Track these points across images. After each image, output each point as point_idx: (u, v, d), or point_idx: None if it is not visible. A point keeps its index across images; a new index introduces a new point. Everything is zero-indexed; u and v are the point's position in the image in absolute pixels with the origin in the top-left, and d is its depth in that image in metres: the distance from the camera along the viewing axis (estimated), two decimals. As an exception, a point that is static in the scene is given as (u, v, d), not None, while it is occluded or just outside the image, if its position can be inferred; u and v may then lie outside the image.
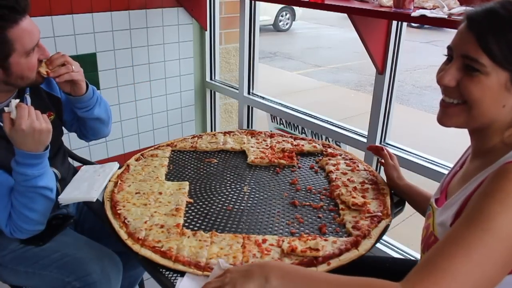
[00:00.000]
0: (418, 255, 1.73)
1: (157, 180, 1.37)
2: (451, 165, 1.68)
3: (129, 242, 1.07)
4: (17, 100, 1.13)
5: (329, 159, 1.52)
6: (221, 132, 1.73)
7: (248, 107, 2.62)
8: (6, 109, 1.11)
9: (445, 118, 0.87)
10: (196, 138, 1.68)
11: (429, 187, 1.26)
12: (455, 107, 0.85)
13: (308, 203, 1.26)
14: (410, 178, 1.50)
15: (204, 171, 1.46)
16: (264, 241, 1.08)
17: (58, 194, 1.26)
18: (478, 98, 0.81)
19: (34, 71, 1.22)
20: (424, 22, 1.34)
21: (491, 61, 0.78)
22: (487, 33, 0.78)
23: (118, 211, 1.19)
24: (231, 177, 1.43)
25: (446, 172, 1.64)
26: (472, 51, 0.80)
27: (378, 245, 1.84)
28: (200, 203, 1.27)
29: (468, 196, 0.83)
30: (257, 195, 1.32)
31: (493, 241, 0.69)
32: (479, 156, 0.90)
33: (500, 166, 0.77)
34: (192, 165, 1.50)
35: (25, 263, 1.33)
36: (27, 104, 1.25)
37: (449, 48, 0.86)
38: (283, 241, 1.07)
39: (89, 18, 2.17)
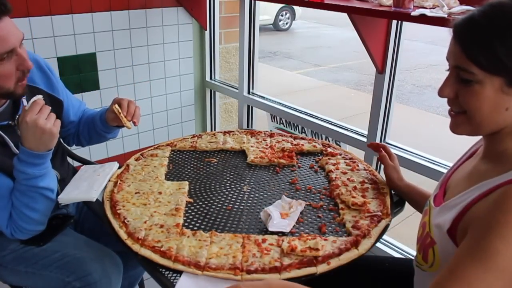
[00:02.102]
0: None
1: (157, 179, 1.37)
2: (451, 165, 1.68)
3: (129, 242, 1.07)
4: (40, 96, 1.14)
5: (329, 159, 1.52)
6: (221, 132, 1.73)
7: (248, 106, 2.62)
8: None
9: (454, 127, 0.87)
10: (196, 137, 1.68)
11: (430, 186, 1.26)
12: (459, 116, 0.85)
13: (307, 203, 1.26)
14: (411, 177, 1.50)
15: (204, 171, 1.46)
16: (264, 240, 1.08)
17: (57, 194, 1.26)
18: (475, 107, 0.80)
19: (8, 80, 1.13)
20: (424, 21, 1.34)
21: (480, 69, 0.77)
22: (471, 44, 0.78)
23: (118, 211, 1.19)
24: (231, 176, 1.43)
25: (446, 171, 1.64)
26: (461, 61, 0.80)
27: (378, 244, 1.84)
28: (200, 203, 1.27)
29: (470, 202, 0.81)
30: (256, 195, 1.32)
31: (494, 279, 0.70)
32: (489, 158, 0.88)
33: (506, 189, 0.75)
34: (191, 165, 1.50)
35: (25, 263, 1.33)
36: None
37: (447, 59, 0.85)
38: (282, 240, 1.07)
39: (89, 18, 2.17)
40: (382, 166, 1.37)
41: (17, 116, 1.25)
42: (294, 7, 10.23)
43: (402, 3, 1.42)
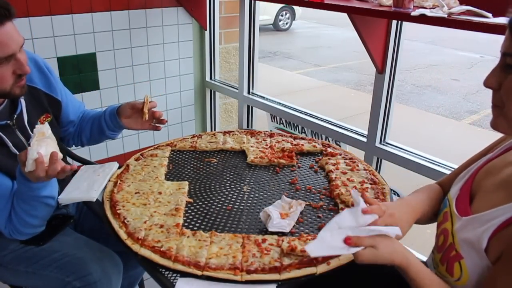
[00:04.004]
0: (419, 255, 1.72)
1: (157, 180, 1.37)
2: (451, 165, 1.68)
3: (129, 242, 1.07)
4: (43, 136, 1.08)
5: (328, 159, 1.52)
6: (221, 132, 1.73)
7: (248, 106, 2.62)
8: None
9: (493, 122, 0.83)
10: (196, 137, 1.68)
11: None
12: (498, 110, 0.82)
13: (307, 203, 1.26)
14: (410, 178, 1.50)
15: (204, 171, 1.46)
16: (264, 240, 1.08)
17: (58, 194, 1.26)
18: None
19: (3, 83, 1.13)
20: (424, 21, 1.34)
21: None
22: None
23: (118, 211, 1.19)
24: (231, 176, 1.43)
25: (446, 171, 1.64)
26: (509, 47, 0.77)
27: (378, 244, 1.84)
28: (200, 203, 1.27)
29: (508, 219, 0.77)
30: (256, 195, 1.32)
31: None
32: None
33: None
34: (191, 165, 1.50)
35: (25, 263, 1.33)
36: (21, 108, 1.25)
37: (500, 52, 0.82)
38: (282, 240, 1.07)
39: (89, 18, 2.17)
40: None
41: (15, 116, 1.25)
42: (294, 7, 10.23)
43: (402, 3, 1.41)
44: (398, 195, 1.31)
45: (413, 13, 1.35)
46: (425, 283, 0.85)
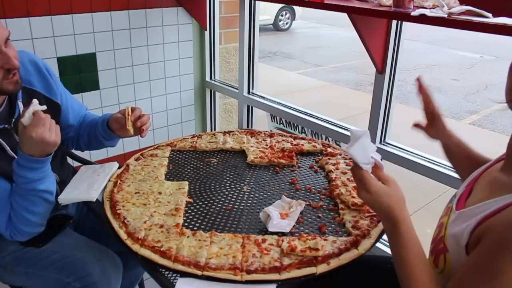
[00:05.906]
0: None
1: (157, 180, 1.37)
2: (451, 164, 1.67)
3: (129, 242, 1.07)
4: (36, 101, 1.12)
5: (328, 159, 1.52)
6: (221, 132, 1.73)
7: (248, 106, 2.62)
8: (34, 107, 1.12)
9: None
10: (196, 137, 1.68)
11: (430, 186, 1.25)
12: None
13: (307, 203, 1.26)
14: (410, 178, 1.49)
15: (204, 171, 1.46)
16: (264, 241, 1.08)
17: (57, 195, 1.26)
18: None
19: None
20: (424, 21, 1.34)
21: None
22: None
23: (118, 211, 1.19)
24: (231, 176, 1.43)
25: (446, 171, 1.64)
26: None
27: (378, 244, 1.84)
28: (200, 203, 1.27)
29: (487, 215, 0.79)
30: (256, 195, 1.32)
31: None
32: (509, 170, 0.85)
33: None
34: (191, 165, 1.50)
35: (24, 264, 1.33)
36: (19, 112, 1.25)
37: None
38: (282, 240, 1.07)
39: (89, 18, 2.17)
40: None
41: (13, 120, 1.24)
42: (294, 7, 10.23)
43: (402, 3, 1.41)
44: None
45: (413, 13, 1.35)
46: (411, 247, 0.83)
